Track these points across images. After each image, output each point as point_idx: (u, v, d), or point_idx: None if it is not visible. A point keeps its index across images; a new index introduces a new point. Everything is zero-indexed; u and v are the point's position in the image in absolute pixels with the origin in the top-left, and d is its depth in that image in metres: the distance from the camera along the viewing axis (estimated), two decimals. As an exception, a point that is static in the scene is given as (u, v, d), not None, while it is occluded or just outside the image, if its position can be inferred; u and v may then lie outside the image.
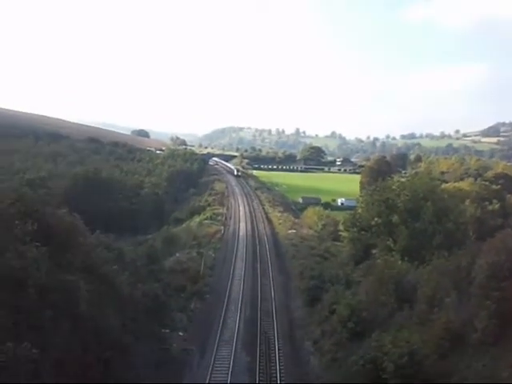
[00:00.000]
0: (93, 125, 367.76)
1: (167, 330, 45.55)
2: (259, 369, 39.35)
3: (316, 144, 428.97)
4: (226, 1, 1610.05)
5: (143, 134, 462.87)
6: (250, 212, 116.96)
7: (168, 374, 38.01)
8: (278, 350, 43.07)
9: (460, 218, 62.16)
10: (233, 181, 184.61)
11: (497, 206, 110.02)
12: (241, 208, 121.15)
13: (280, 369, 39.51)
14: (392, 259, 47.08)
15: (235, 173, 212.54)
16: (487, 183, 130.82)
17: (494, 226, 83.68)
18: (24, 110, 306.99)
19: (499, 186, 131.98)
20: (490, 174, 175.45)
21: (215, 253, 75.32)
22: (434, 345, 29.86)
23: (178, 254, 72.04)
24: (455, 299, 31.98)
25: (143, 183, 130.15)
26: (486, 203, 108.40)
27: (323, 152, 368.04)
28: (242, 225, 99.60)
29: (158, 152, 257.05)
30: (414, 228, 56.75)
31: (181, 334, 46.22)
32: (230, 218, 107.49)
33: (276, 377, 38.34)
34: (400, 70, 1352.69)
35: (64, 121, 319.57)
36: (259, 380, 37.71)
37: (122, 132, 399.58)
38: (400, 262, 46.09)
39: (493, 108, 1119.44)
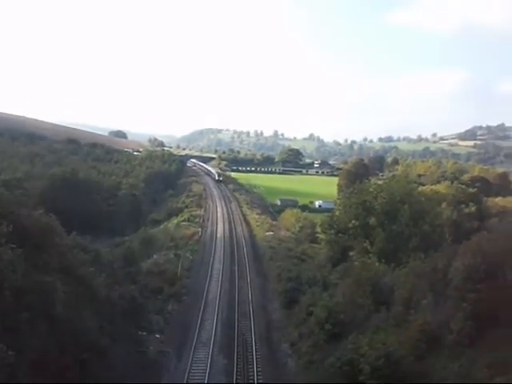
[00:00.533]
0: (71, 126, 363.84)
1: (144, 333, 45.33)
2: (236, 371, 39.36)
3: (294, 146, 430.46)
4: (204, 3, 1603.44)
5: (121, 134, 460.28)
6: (228, 214, 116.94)
7: (145, 376, 37.83)
8: (256, 352, 43.08)
9: (436, 220, 62.75)
10: (211, 182, 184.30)
11: (473, 209, 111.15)
12: (219, 210, 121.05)
13: (257, 371, 39.53)
14: (369, 261, 47.42)
15: (216, 177, 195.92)
16: (464, 186, 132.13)
17: (470, 228, 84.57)
18: (0, 110, 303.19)
19: (475, 189, 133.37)
20: (466, 177, 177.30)
21: (193, 255, 75.13)
22: (411, 346, 30.09)
23: (155, 256, 71.72)
24: (431, 301, 32.28)
25: (121, 184, 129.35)
26: (463, 206, 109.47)
27: (301, 154, 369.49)
28: (220, 227, 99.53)
29: (135, 153, 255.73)
30: (390, 230, 57.17)
31: (158, 336, 46.02)
32: (208, 220, 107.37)
33: (253, 379, 38.36)
34: (381, 74, 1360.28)
35: (41, 121, 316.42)
36: (236, 382, 37.70)
37: (99, 133, 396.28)
38: (377, 264, 46.44)
39: (470, 112, 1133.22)
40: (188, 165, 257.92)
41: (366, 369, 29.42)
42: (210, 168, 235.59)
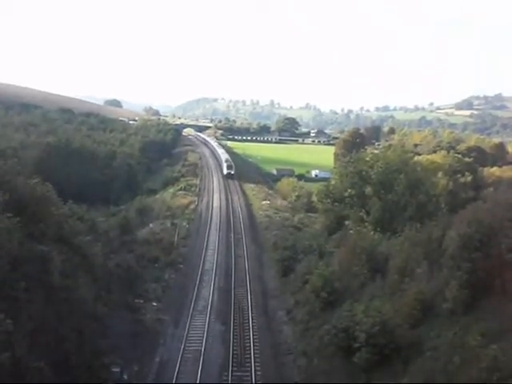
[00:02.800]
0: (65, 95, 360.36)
1: (141, 301, 45.63)
2: (233, 338, 39.75)
3: (290, 115, 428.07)
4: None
5: (116, 103, 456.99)
6: (224, 183, 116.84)
7: (142, 344, 38.16)
8: (252, 319, 43.46)
9: (432, 190, 62.77)
10: (207, 152, 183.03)
11: (469, 179, 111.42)
12: (215, 179, 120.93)
13: (254, 338, 39.93)
14: (364, 230, 47.64)
15: (225, 170, 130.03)
16: (460, 156, 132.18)
17: (466, 198, 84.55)
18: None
19: (471, 159, 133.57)
20: (462, 146, 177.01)
21: (189, 223, 75.26)
22: (405, 314, 30.37)
23: (151, 225, 71.93)
24: (426, 270, 32.51)
25: (116, 154, 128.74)
26: (458, 176, 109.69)
27: (297, 123, 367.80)
28: (216, 196, 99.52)
29: (130, 122, 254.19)
30: (386, 200, 57.21)
31: (154, 304, 46.31)
32: (204, 189, 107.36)
33: (249, 346, 38.77)
34: (379, 41, 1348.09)
35: (35, 90, 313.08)
36: (233, 349, 38.11)
37: (94, 102, 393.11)
38: (372, 233, 46.70)
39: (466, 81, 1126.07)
40: (188, 136, 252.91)
41: (361, 336, 29.79)
42: (219, 152, 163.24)
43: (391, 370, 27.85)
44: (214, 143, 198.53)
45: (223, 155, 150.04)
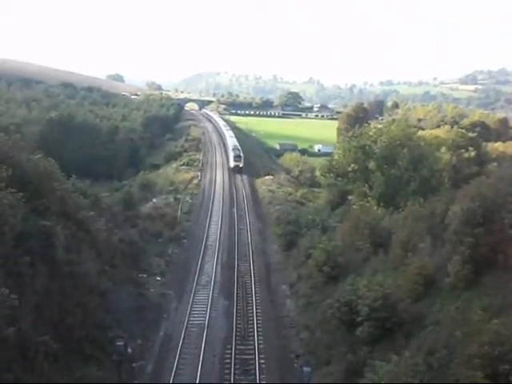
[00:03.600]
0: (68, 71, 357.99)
1: (145, 275, 45.91)
2: (236, 312, 40.04)
3: (293, 90, 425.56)
4: None
5: (118, 78, 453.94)
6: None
7: (146, 318, 38.47)
8: (255, 293, 43.75)
9: (435, 165, 62.60)
10: (209, 127, 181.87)
11: (472, 154, 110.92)
12: (217, 154, 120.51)
13: (257, 312, 40.23)
14: (368, 205, 47.69)
15: (231, 162, 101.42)
16: (463, 131, 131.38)
17: (470, 173, 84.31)
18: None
19: (475, 134, 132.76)
20: (466, 121, 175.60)
21: (192, 198, 75.34)
22: (408, 289, 30.53)
23: (154, 200, 71.97)
24: (429, 245, 32.60)
25: (118, 129, 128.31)
26: (462, 151, 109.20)
27: (301, 98, 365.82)
28: (219, 171, 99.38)
29: (133, 97, 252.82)
30: (389, 174, 57.16)
31: (158, 278, 46.61)
32: (207, 164, 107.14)
33: (253, 320, 39.07)
34: (382, 14, 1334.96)
35: (37, 66, 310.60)
36: (236, 323, 38.41)
37: (96, 76, 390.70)
38: (375, 208, 46.74)
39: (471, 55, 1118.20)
40: (192, 111, 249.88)
41: (364, 310, 29.99)
42: (225, 133, 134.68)
43: (393, 344, 28.03)
44: (217, 118, 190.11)
45: (231, 139, 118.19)
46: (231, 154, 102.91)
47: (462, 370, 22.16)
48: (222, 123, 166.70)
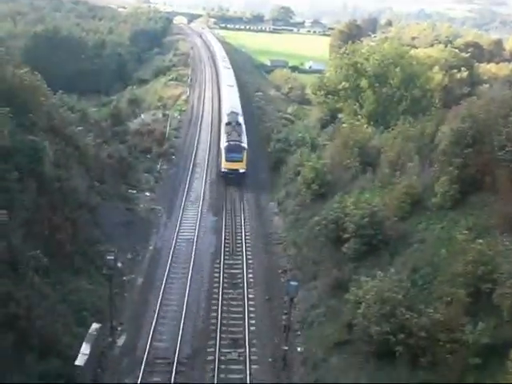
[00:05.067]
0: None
1: (134, 191, 46.05)
2: (225, 228, 40.56)
3: (285, 4, 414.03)
4: None
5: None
6: (217, 73, 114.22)
7: (136, 233, 38.89)
8: (243, 210, 44.17)
9: (427, 84, 62.15)
10: (198, 42, 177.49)
11: (465, 75, 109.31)
12: (207, 69, 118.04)
13: (245, 228, 40.80)
14: (358, 123, 47.32)
15: (224, 143, 51.72)
16: (457, 51, 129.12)
17: (461, 94, 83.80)
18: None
19: (468, 54, 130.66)
20: (460, 41, 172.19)
21: (181, 115, 74.52)
22: (395, 207, 30.91)
23: (142, 116, 71.26)
24: (417, 164, 32.74)
25: (105, 42, 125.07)
26: (455, 71, 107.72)
27: (292, 13, 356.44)
28: (208, 86, 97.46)
29: (120, 10, 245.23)
30: (380, 93, 56.75)
31: (147, 194, 46.80)
32: (196, 80, 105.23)
33: (241, 235, 39.66)
34: None
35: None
36: (225, 238, 38.99)
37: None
38: (365, 127, 46.45)
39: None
40: (181, 25, 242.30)
41: (351, 227, 30.42)
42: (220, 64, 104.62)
43: (378, 261, 28.66)
44: (207, 34, 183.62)
45: (227, 90, 74.51)
46: (223, 133, 54.36)
47: (446, 287, 22.84)
48: (212, 39, 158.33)
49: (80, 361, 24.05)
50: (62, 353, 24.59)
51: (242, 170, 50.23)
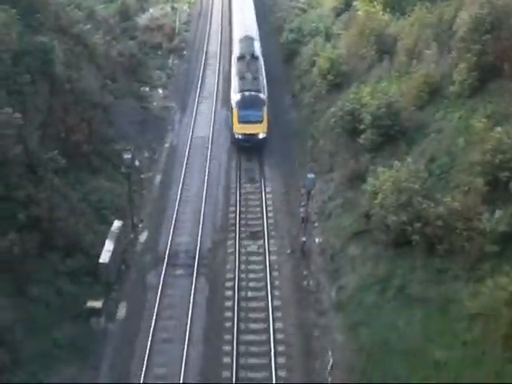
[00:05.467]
0: None
1: (146, 89, 45.62)
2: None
3: None
4: None
5: None
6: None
7: (151, 131, 38.98)
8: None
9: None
10: None
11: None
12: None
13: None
14: (373, 10, 45.58)
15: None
16: None
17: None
18: None
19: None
20: None
21: (190, 8, 72.03)
22: (412, 97, 30.35)
23: (151, 10, 68.87)
24: (435, 52, 31.71)
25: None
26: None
27: None
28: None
29: None
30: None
31: (160, 91, 46.35)
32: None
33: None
34: None
35: None
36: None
37: None
38: (381, 14, 44.76)
39: None
40: None
41: (367, 118, 30.11)
42: None
43: (395, 151, 28.55)
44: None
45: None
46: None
47: (463, 176, 22.83)
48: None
49: (104, 258, 24.98)
50: (85, 251, 25.49)
51: (261, 135, 37.20)
